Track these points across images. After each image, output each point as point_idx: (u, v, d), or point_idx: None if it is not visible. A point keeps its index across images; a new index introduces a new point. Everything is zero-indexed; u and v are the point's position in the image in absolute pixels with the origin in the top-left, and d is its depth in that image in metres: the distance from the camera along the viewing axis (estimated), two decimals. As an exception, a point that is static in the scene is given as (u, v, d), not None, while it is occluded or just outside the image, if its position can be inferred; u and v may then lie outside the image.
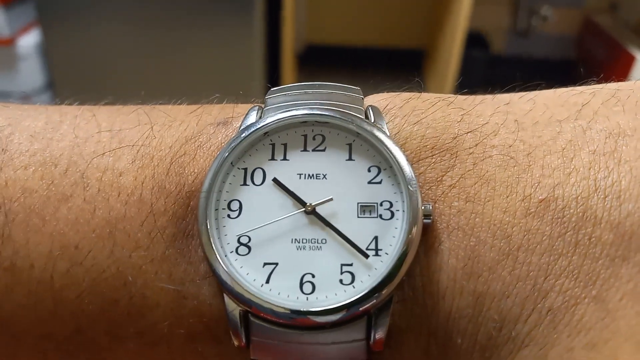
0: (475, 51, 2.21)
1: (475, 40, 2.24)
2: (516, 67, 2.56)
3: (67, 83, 1.93)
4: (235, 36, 1.89)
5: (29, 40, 1.92)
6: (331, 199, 0.25)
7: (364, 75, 2.53)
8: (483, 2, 2.24)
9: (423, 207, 0.24)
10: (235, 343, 0.24)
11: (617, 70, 2.26)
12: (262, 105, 0.27)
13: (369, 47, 2.58)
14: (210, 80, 2.00)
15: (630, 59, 2.18)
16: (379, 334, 0.24)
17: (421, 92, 0.28)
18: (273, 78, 2.07)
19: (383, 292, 0.23)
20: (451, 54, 2.07)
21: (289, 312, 0.23)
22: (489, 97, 0.28)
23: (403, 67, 2.58)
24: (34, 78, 1.96)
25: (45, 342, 0.26)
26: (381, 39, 2.56)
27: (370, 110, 0.26)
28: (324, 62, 2.55)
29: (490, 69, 2.34)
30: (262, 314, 0.23)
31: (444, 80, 2.13)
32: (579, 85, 0.29)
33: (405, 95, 0.28)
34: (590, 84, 0.28)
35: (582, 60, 2.59)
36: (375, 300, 0.23)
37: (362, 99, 0.27)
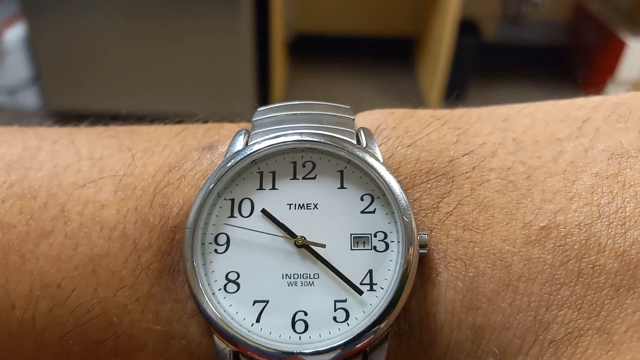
0: (467, 38, 2.20)
1: (466, 28, 2.23)
2: (508, 54, 2.56)
3: (53, 76, 1.90)
4: (222, 25, 1.87)
5: (14, 34, 1.89)
6: (324, 246, 0.24)
7: (356, 63, 2.52)
8: (474, -12, 2.23)
9: (419, 237, 0.23)
10: None
11: (608, 56, 2.26)
12: (249, 128, 0.26)
13: (361, 36, 2.57)
14: (198, 70, 1.99)
15: (621, 45, 2.18)
16: None
17: (416, 109, 0.27)
18: (263, 66, 2.06)
19: (379, 329, 0.22)
20: (442, 41, 2.06)
21: (280, 353, 0.22)
22: (485, 111, 0.27)
23: (394, 56, 2.57)
24: (20, 72, 1.94)
25: None
26: (372, 28, 2.55)
27: (362, 132, 0.25)
28: (315, 50, 2.53)
29: (482, 56, 2.34)
30: (252, 355, 0.22)
31: (435, 68, 2.13)
32: (578, 93, 0.27)
33: (399, 113, 0.27)
34: (582, 72, 0.27)
35: (573, 47, 2.59)
36: (371, 337, 0.22)
37: (353, 120, 0.26)
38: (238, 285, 0.23)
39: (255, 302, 0.23)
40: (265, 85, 2.13)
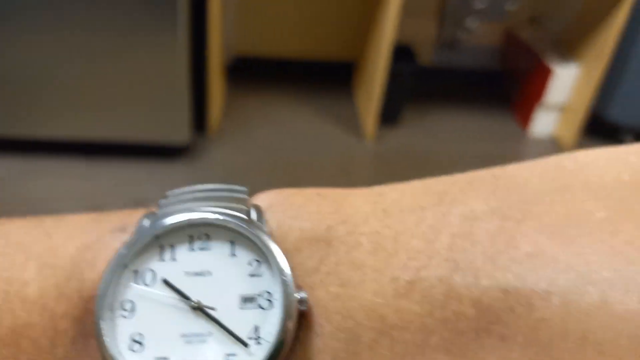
0: (403, 63, 2.26)
1: (402, 53, 2.30)
2: (443, 78, 2.64)
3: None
4: (158, 45, 1.87)
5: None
6: (214, 309, 0.28)
7: (295, 87, 2.55)
8: (410, 14, 2.30)
9: (300, 296, 0.27)
10: None
11: (536, 82, 2.36)
12: (156, 211, 0.30)
13: (300, 59, 2.60)
14: (134, 92, 1.97)
15: (547, 72, 2.29)
16: None
17: (303, 189, 0.31)
18: (199, 89, 2.06)
19: None
20: (378, 66, 2.10)
21: None
22: (365, 190, 0.31)
23: (333, 80, 2.61)
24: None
25: None
26: (312, 51, 2.58)
27: (253, 208, 0.30)
28: (253, 73, 2.55)
29: (418, 81, 2.40)
30: None
31: (371, 92, 2.18)
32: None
33: (289, 192, 0.31)
34: (514, 96, 0.30)
35: (505, 71, 2.70)
36: None
37: (247, 199, 0.30)
38: (142, 344, 0.27)
39: (155, 359, 0.27)
40: (202, 107, 2.14)
